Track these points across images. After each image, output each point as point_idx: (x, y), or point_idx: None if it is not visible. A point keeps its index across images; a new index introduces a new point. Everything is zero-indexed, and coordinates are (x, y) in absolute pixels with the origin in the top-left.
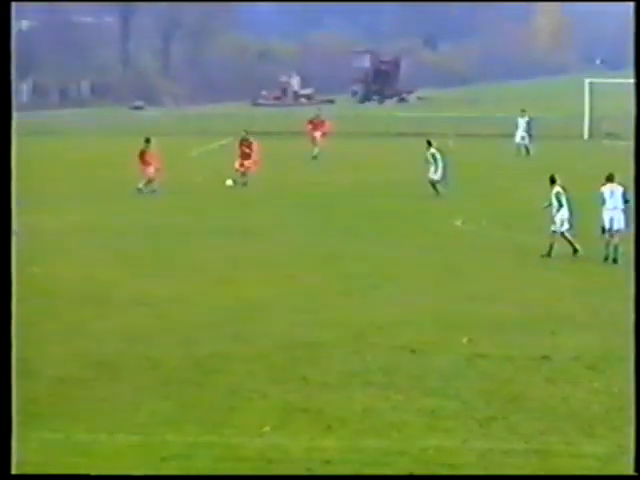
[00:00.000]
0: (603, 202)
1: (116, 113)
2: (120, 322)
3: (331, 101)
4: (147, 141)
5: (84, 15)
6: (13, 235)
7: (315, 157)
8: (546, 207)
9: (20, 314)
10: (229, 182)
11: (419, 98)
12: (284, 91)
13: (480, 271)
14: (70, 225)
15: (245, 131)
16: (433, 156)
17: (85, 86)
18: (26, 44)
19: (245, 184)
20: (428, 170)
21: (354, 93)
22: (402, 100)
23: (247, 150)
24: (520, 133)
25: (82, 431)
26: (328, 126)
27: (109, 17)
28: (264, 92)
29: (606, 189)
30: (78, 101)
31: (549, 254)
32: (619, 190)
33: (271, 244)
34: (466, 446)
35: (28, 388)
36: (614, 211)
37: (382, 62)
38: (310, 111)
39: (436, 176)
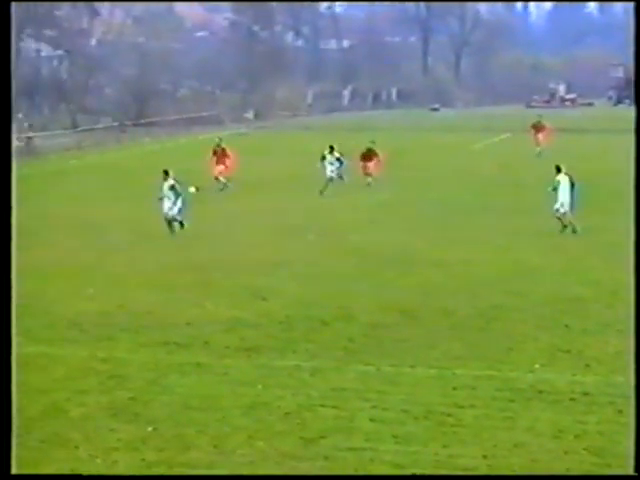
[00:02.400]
0: None
1: (417, 114)
2: (420, 279)
3: (591, 104)
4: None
5: (393, 36)
6: None
7: (538, 154)
8: None
9: (342, 272)
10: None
11: None
12: (552, 96)
13: None
14: (393, 200)
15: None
16: None
17: (393, 92)
18: (348, 58)
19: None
20: None
21: (609, 98)
22: None
23: None
24: None
25: (389, 364)
26: (548, 130)
27: (412, 37)
28: (536, 97)
29: None
30: (387, 104)
31: None
32: None
33: (542, 219)
34: None
35: (346, 330)
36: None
37: (633, 72)
38: (574, 113)
39: None
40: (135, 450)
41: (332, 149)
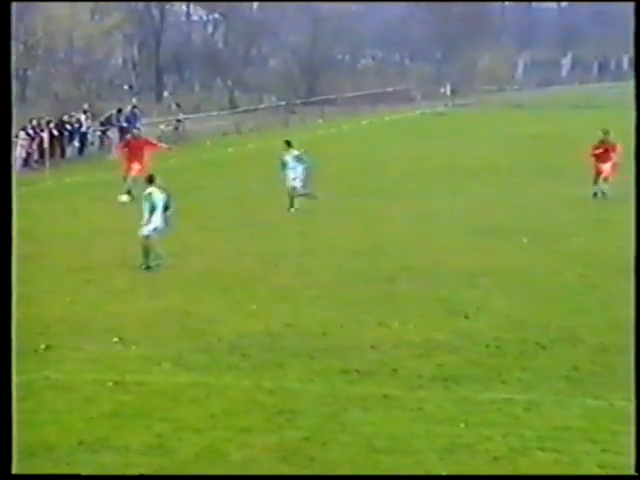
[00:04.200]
0: None
1: None
2: None
3: None
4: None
5: None
6: None
7: None
8: None
9: (562, 282)
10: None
11: None
12: None
13: None
14: None
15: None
16: None
17: (625, 60)
18: (568, 19)
19: None
20: None
21: None
22: None
23: None
24: None
25: (622, 398)
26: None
27: None
28: None
29: None
30: (617, 75)
31: None
32: None
33: None
34: None
35: (569, 355)
36: None
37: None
38: None
39: None
40: None
41: (289, 145)
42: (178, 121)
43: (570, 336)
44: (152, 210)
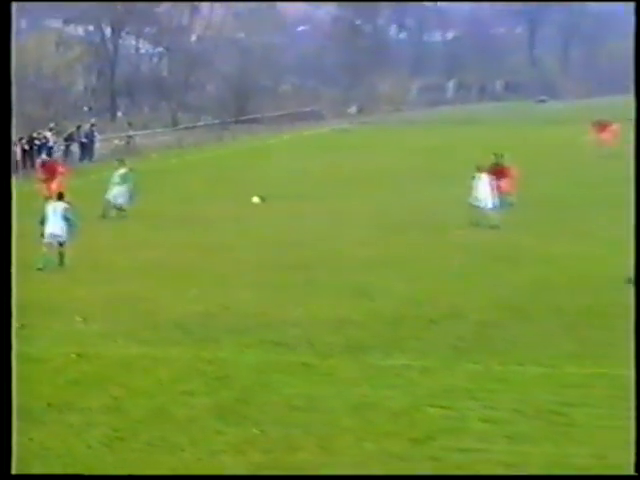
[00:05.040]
0: None
1: (524, 106)
2: (530, 275)
3: None
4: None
5: (498, 27)
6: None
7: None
8: None
9: (449, 268)
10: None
11: None
12: None
13: None
14: None
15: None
16: None
17: (499, 84)
18: (452, 50)
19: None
20: None
21: None
22: None
23: None
24: None
25: (499, 363)
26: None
27: (519, 28)
28: None
29: None
30: (493, 96)
31: None
32: None
33: None
34: None
35: (456, 328)
36: None
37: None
38: None
39: None
40: (242, 453)
41: (122, 163)
42: (129, 137)
43: (456, 312)
44: (62, 220)
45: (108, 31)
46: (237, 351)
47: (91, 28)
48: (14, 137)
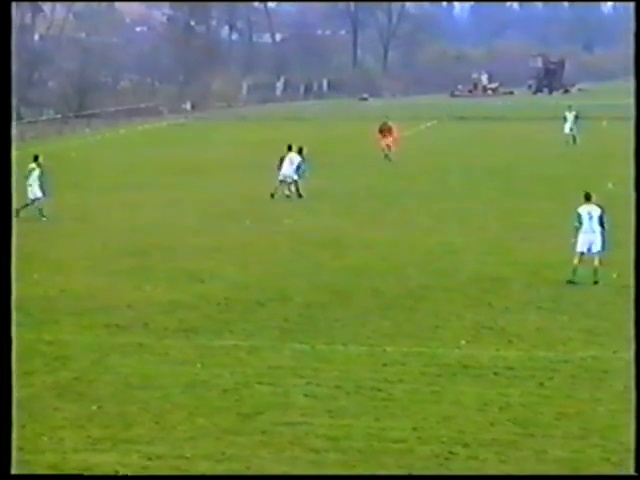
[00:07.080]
0: (580, 224)
1: (347, 103)
2: (352, 261)
3: (511, 92)
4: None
5: (324, 29)
6: None
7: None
8: None
9: (277, 254)
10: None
11: (579, 90)
12: (475, 85)
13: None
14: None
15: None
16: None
17: (324, 83)
18: (281, 51)
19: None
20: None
21: (529, 87)
22: (566, 92)
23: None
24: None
25: (322, 343)
26: (395, 131)
27: (342, 30)
28: (460, 86)
29: (583, 210)
30: (319, 94)
31: None
32: (597, 212)
33: (464, 203)
34: (616, 356)
35: (282, 310)
36: (592, 234)
37: (551, 62)
38: (496, 101)
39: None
40: (80, 428)
41: (36, 159)
42: None
43: (282, 296)
44: None
45: None
46: (76, 332)
47: None
48: None
